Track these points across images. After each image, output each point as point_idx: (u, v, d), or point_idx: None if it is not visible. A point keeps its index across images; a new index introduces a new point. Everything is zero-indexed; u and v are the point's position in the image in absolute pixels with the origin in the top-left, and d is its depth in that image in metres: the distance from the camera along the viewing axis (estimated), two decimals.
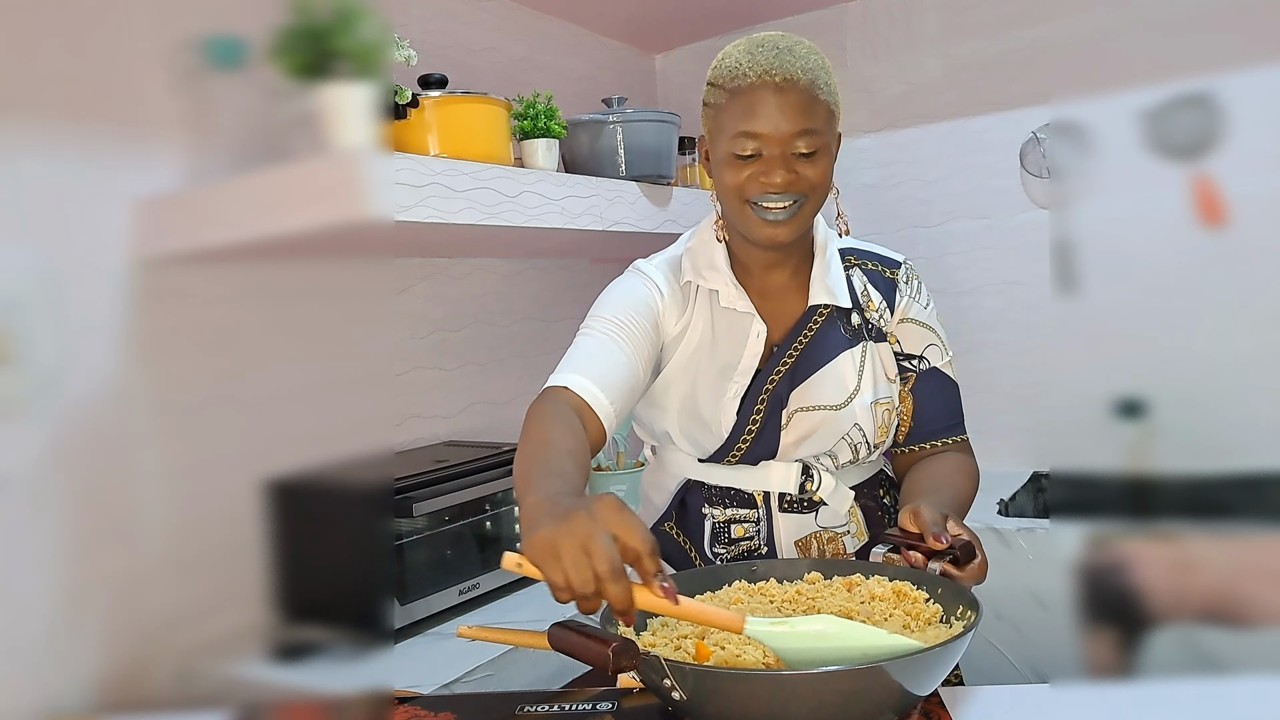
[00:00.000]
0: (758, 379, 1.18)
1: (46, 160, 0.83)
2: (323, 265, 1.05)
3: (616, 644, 0.82)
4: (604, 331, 1.15)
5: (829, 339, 1.20)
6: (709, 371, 1.19)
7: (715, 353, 1.20)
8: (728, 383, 1.18)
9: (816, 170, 1.10)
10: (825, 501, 1.20)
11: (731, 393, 1.17)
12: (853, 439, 1.18)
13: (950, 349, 1.27)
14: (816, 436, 1.18)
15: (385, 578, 1.47)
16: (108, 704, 0.86)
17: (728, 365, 1.19)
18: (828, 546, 1.20)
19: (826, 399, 1.17)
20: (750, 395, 1.17)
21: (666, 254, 1.28)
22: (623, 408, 1.11)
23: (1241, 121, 1.10)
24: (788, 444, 1.18)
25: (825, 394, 1.18)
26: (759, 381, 1.17)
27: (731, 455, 1.19)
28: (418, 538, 1.61)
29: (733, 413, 1.17)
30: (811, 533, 1.20)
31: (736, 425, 1.17)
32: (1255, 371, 1.09)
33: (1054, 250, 1.16)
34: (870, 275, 1.25)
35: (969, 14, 2.41)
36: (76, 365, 0.85)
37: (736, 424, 1.17)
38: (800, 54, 1.09)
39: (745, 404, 1.17)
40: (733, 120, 1.10)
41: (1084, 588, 1.09)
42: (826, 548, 1.20)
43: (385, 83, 1.51)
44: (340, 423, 1.00)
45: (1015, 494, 2.23)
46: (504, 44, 2.30)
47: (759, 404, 1.16)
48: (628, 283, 1.22)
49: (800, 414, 1.17)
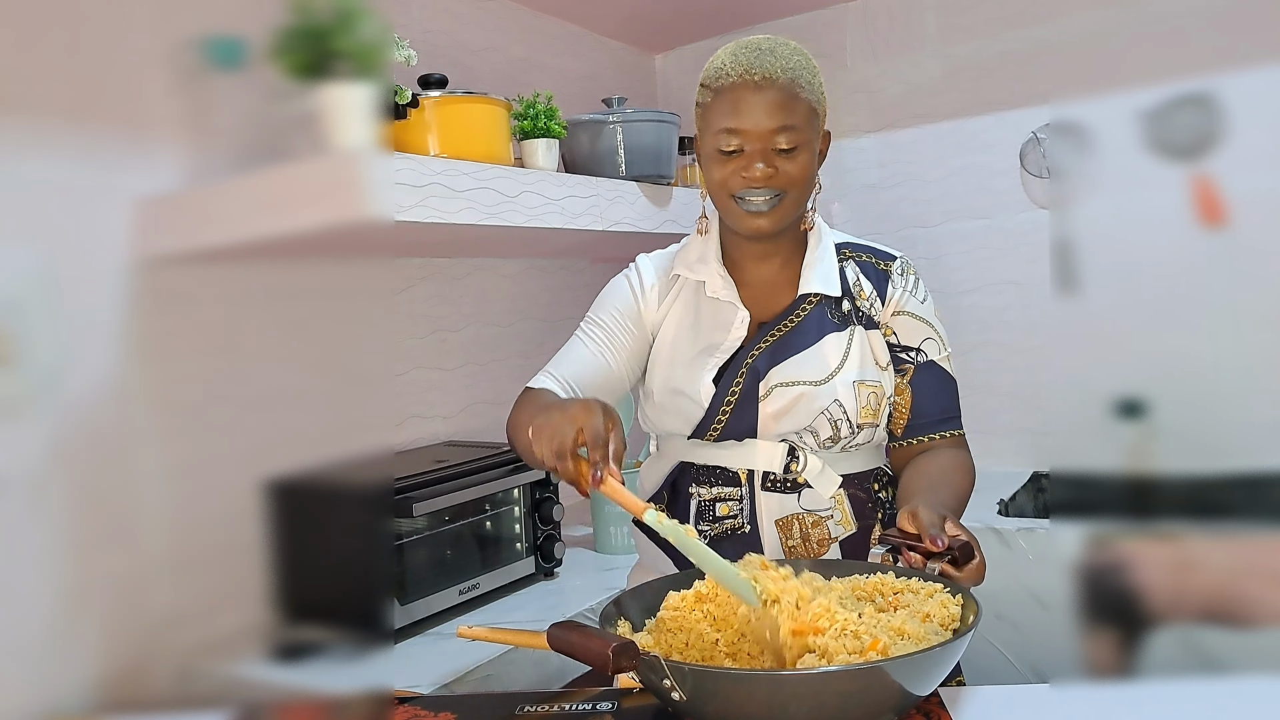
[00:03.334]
0: (738, 355, 1.22)
1: (46, 160, 0.83)
2: (323, 265, 1.05)
3: (616, 644, 0.82)
4: (583, 334, 1.29)
5: (816, 324, 1.23)
6: (690, 351, 1.25)
7: (698, 336, 1.25)
8: (709, 359, 1.22)
9: (796, 165, 1.15)
10: (810, 484, 1.21)
11: (710, 365, 1.22)
12: (832, 414, 1.19)
13: (949, 347, 1.28)
14: (795, 411, 1.19)
15: (385, 578, 1.47)
16: (108, 704, 0.86)
17: (711, 345, 1.24)
18: (812, 530, 1.21)
19: (807, 375, 1.20)
20: (730, 369, 1.21)
21: (669, 249, 1.35)
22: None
23: (1241, 121, 1.10)
24: (767, 416, 1.20)
25: (806, 371, 1.20)
26: (740, 357, 1.22)
27: (713, 429, 1.21)
28: (418, 538, 1.61)
29: (710, 383, 1.21)
30: (794, 513, 1.21)
31: (716, 396, 1.20)
32: (1255, 371, 1.09)
33: (1054, 250, 1.16)
34: (863, 266, 1.28)
35: (969, 14, 2.41)
36: (76, 365, 0.85)
37: (716, 395, 1.20)
38: (782, 54, 1.15)
39: (725, 376, 1.21)
40: (717, 118, 1.16)
41: (1084, 588, 1.09)
42: (811, 531, 1.21)
43: (385, 83, 1.51)
44: (340, 423, 1.00)
45: (1015, 494, 2.23)
46: (504, 44, 2.30)
47: (738, 376, 1.20)
48: (615, 283, 1.32)
49: (780, 388, 1.20)
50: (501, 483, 1.72)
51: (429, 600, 1.58)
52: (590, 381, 1.24)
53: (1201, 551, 1.07)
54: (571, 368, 1.25)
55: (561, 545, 1.83)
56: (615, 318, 1.27)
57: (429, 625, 1.58)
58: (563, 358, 1.27)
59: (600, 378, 1.25)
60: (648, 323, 1.28)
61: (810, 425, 1.20)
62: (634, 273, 1.31)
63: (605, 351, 1.26)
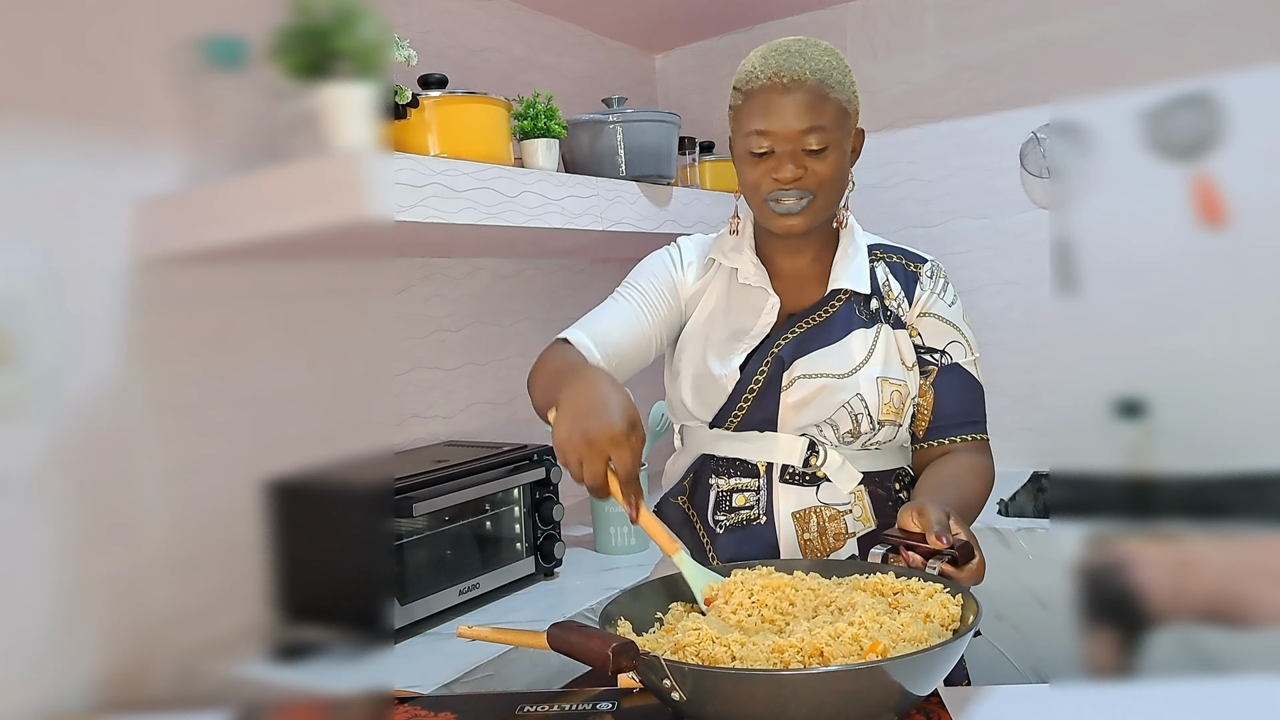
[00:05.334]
0: (765, 343, 1.23)
1: (46, 160, 0.83)
2: (323, 265, 1.05)
3: (616, 644, 0.82)
4: (619, 296, 1.30)
5: (844, 319, 1.24)
6: (721, 333, 1.26)
7: (729, 319, 1.27)
8: (737, 343, 1.24)
9: (826, 166, 1.17)
10: (829, 478, 1.21)
11: (739, 350, 1.23)
12: (853, 408, 1.20)
13: (977, 351, 1.28)
14: (817, 403, 1.20)
15: (385, 578, 1.47)
16: (108, 704, 0.86)
17: (741, 330, 1.25)
18: (829, 524, 1.21)
19: (831, 368, 1.21)
20: (757, 356, 1.23)
21: (708, 235, 1.39)
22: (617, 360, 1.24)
23: (1241, 121, 1.10)
24: (787, 407, 1.21)
25: (831, 364, 1.22)
26: (766, 345, 1.23)
27: (734, 416, 1.23)
28: (418, 538, 1.61)
29: (736, 368, 1.22)
30: (811, 507, 1.22)
31: (740, 382, 1.22)
32: (1255, 371, 1.09)
33: (1054, 250, 1.16)
34: (893, 268, 1.29)
35: (969, 14, 2.41)
36: (76, 365, 0.85)
37: (740, 381, 1.22)
38: (811, 56, 1.16)
39: (751, 363, 1.22)
40: (747, 120, 1.18)
41: (1084, 588, 1.09)
42: (828, 525, 1.21)
43: (385, 83, 1.51)
44: (340, 423, 1.00)
45: (1015, 494, 2.23)
46: (504, 44, 2.30)
47: (764, 364, 1.22)
48: (655, 255, 1.35)
49: (803, 380, 1.21)
50: (501, 483, 1.72)
51: (429, 600, 1.58)
52: (621, 340, 1.24)
53: (1201, 551, 1.07)
54: (604, 325, 1.25)
55: (561, 545, 1.83)
56: (653, 284, 1.29)
57: (429, 625, 1.58)
58: (597, 315, 1.27)
59: (631, 338, 1.25)
60: (683, 296, 1.31)
61: (830, 418, 1.20)
62: (675, 249, 1.34)
63: (640, 314, 1.27)
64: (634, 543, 1.99)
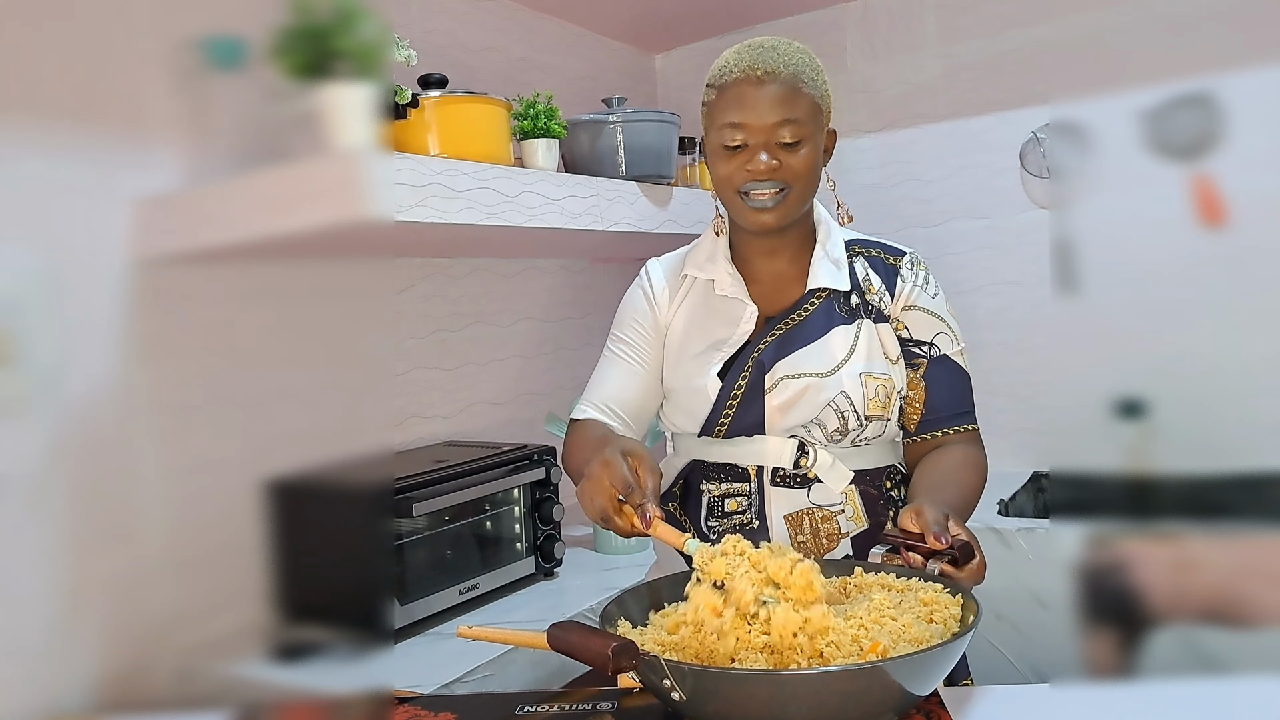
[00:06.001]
0: (745, 349, 1.23)
1: (46, 160, 0.83)
2: (323, 265, 1.05)
3: (616, 644, 0.82)
4: (611, 354, 1.33)
5: (824, 318, 1.24)
6: (698, 347, 1.26)
7: (706, 332, 1.27)
8: (716, 353, 1.24)
9: (800, 160, 1.17)
10: (820, 479, 1.21)
11: (717, 359, 1.24)
12: (839, 406, 1.20)
13: (963, 341, 1.28)
14: (802, 403, 1.20)
15: (385, 578, 1.47)
16: (108, 704, 0.86)
17: (719, 340, 1.25)
18: (822, 525, 1.21)
19: (813, 367, 1.21)
20: (737, 363, 1.23)
21: (679, 251, 1.38)
22: (632, 417, 1.29)
23: (1241, 121, 1.10)
24: (773, 409, 1.21)
25: (812, 363, 1.21)
26: (746, 351, 1.23)
27: (721, 424, 1.23)
28: (418, 538, 1.61)
29: (716, 377, 1.22)
30: (804, 508, 1.22)
31: (722, 390, 1.22)
32: (1255, 371, 1.09)
33: (1054, 250, 1.16)
34: (872, 261, 1.28)
35: (969, 14, 2.41)
36: (76, 365, 0.85)
37: (722, 389, 1.22)
38: (785, 51, 1.17)
39: (732, 370, 1.22)
40: (720, 113, 1.18)
41: (1084, 588, 1.09)
42: (821, 526, 1.21)
43: (385, 83, 1.51)
44: (340, 423, 1.00)
45: (1015, 494, 2.23)
46: (504, 44, 2.29)
47: (745, 370, 1.22)
48: (630, 296, 1.35)
49: (786, 381, 1.21)
50: (501, 483, 1.72)
51: (429, 600, 1.58)
52: (629, 399, 1.29)
53: (1201, 551, 1.07)
54: (609, 390, 1.29)
55: (561, 545, 1.83)
56: (637, 330, 1.31)
57: (429, 625, 1.58)
58: (598, 381, 1.31)
59: (637, 390, 1.29)
60: (664, 325, 1.31)
61: (817, 418, 1.20)
62: (644, 280, 1.34)
63: (636, 365, 1.29)
64: (634, 543, 1.99)
